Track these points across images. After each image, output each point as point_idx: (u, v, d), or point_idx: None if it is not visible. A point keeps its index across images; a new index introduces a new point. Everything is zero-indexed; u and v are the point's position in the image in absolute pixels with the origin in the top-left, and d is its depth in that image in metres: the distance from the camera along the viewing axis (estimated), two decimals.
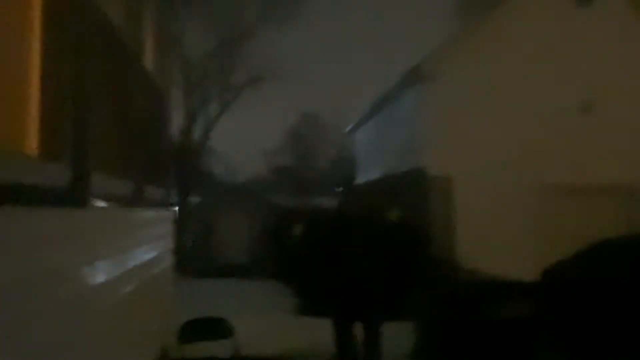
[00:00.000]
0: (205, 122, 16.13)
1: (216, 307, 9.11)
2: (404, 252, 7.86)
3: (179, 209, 15.99)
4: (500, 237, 7.86)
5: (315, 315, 6.81)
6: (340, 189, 16.39)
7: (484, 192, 8.06)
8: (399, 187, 9.03)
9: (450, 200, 8.05)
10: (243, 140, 18.78)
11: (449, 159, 8.13)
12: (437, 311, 5.88)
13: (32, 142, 1.62)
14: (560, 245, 7.97)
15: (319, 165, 19.29)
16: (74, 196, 1.88)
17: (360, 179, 12.96)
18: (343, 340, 5.72)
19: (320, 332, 6.03)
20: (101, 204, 2.32)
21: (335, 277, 7.67)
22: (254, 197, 16.16)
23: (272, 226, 12.73)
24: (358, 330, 5.74)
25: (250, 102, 17.12)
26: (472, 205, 7.99)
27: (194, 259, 14.12)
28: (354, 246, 8.27)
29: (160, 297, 4.35)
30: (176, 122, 15.47)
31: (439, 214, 8.00)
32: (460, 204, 8.14)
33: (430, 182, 8.09)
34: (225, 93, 16.13)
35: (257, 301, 9.39)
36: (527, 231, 8.05)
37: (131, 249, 2.93)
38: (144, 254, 3.36)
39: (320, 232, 9.40)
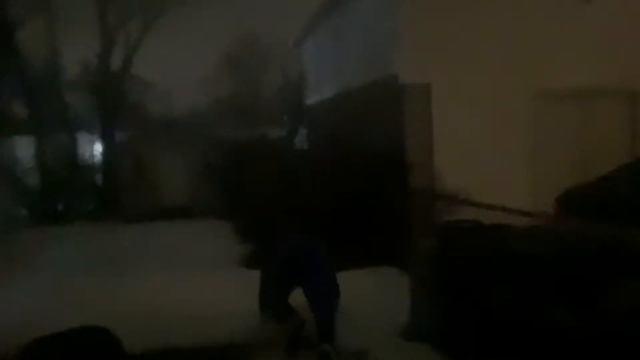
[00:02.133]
0: (126, 45, 13.98)
1: (159, 252, 8.03)
2: (373, 183, 6.50)
3: (104, 146, 14.33)
4: (489, 156, 6.64)
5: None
6: (285, 118, 15.05)
7: (468, 101, 6.72)
8: (363, 104, 7.56)
9: (428, 113, 6.66)
10: (172, 67, 16.86)
11: (426, 64, 6.68)
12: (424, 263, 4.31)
13: None
14: (559, 161, 6.97)
15: (264, 91, 17.49)
16: None
17: (313, 99, 11.36)
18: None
19: None
20: None
21: (289, 217, 6.32)
22: (192, 130, 14.83)
23: (216, 163, 11.60)
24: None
25: (177, 23, 15.08)
26: (455, 119, 6.65)
27: (128, 201, 12.93)
28: (311, 180, 6.87)
29: None
30: (91, 44, 13.53)
31: (415, 131, 6.62)
32: (440, 117, 6.77)
33: (404, 92, 6.64)
34: (147, 10, 13.95)
35: (200, 247, 7.89)
36: (520, 146, 6.87)
37: None
38: None
39: (270, 166, 8.09)
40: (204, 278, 6.20)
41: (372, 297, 4.94)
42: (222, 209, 10.29)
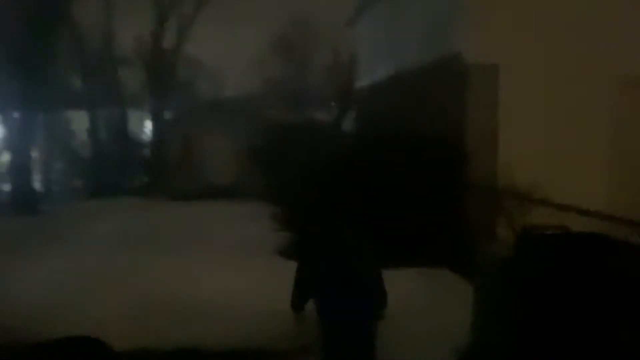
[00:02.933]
0: (179, 25, 13.93)
1: (199, 233, 7.82)
2: (428, 173, 5.85)
3: (154, 124, 14.36)
4: (562, 150, 5.88)
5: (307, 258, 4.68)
6: (334, 101, 14.57)
7: (540, 87, 5.96)
8: (420, 87, 6.90)
9: (495, 98, 5.95)
10: (223, 47, 16.78)
11: (495, 42, 5.95)
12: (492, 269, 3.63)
13: None
14: None
15: (313, 73, 17.02)
16: None
17: (365, 82, 10.72)
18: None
19: None
20: None
21: (339, 208, 5.79)
22: (240, 111, 14.69)
23: (262, 145, 11.19)
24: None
25: (230, 3, 14.90)
26: (525, 106, 5.91)
27: (175, 179, 12.90)
28: (363, 169, 6.30)
29: None
30: (145, 21, 13.50)
31: (479, 117, 5.92)
32: (507, 103, 6.05)
33: (468, 73, 5.94)
34: None
35: (239, 231, 7.54)
36: (598, 139, 6.06)
37: None
38: None
39: (316, 152, 7.59)
40: (239, 265, 5.89)
41: (421, 302, 4.38)
42: (265, 193, 9.92)
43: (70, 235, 7.78)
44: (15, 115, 11.63)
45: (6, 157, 11.98)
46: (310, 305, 3.59)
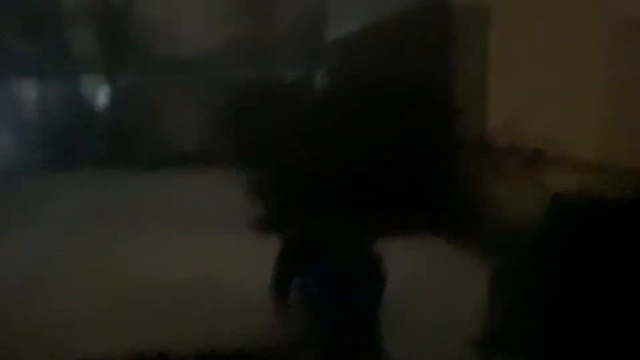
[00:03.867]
0: None
1: (167, 206, 7.26)
2: (419, 133, 5.31)
3: (109, 89, 13.56)
4: (557, 97, 5.45)
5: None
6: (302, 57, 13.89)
7: (533, 29, 5.46)
8: (401, 35, 6.30)
9: (485, 44, 5.42)
10: (180, 5, 15.71)
11: None
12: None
13: None
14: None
15: (278, 26, 16.08)
16: None
17: (338, 34, 10.02)
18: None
19: None
20: None
21: (320, 171, 5.29)
22: (203, 72, 14.01)
23: (228, 107, 10.98)
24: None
25: None
26: (517, 49, 5.41)
27: (137, 147, 12.19)
28: (343, 130, 5.75)
29: None
30: None
31: (469, 66, 5.41)
32: (498, 49, 5.54)
33: (455, 17, 5.38)
34: None
35: (212, 202, 7.00)
36: (594, 84, 5.64)
37: None
38: None
39: (285, 113, 7.06)
40: (214, 241, 5.32)
41: (421, 279, 3.93)
42: (237, 159, 9.37)
43: (21, 215, 7.09)
44: None
45: None
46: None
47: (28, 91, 13.06)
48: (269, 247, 3.52)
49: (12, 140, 13.11)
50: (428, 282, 3.87)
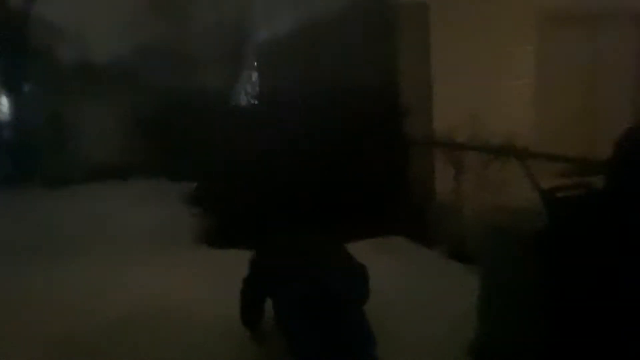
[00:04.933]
0: None
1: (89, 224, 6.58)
2: (365, 134, 5.16)
3: (12, 98, 12.39)
4: (490, 88, 5.53)
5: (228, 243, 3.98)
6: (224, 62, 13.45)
7: (468, 24, 5.51)
8: (338, 34, 6.13)
9: (426, 40, 5.39)
10: (85, 8, 14.65)
11: None
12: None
13: None
14: (566, 93, 6.06)
15: (196, 30, 15.48)
16: None
17: (264, 35, 9.70)
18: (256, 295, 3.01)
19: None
20: None
21: (258, 181, 5.00)
22: (113, 79, 13.12)
23: (146, 116, 10.13)
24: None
25: None
26: (453, 42, 5.43)
27: (47, 162, 11.21)
28: (275, 134, 5.51)
29: None
30: None
31: (411, 64, 5.35)
32: (438, 44, 5.54)
33: (397, 13, 5.30)
34: None
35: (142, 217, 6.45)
36: (524, 73, 5.80)
37: None
38: None
39: (218, 120, 6.75)
40: (152, 261, 4.82)
41: (386, 272, 3.75)
42: (162, 170, 8.80)
43: None
44: None
45: None
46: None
47: None
48: (223, 263, 3.21)
49: None
50: (402, 289, 3.71)
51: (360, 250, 3.92)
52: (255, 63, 11.56)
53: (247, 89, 11.56)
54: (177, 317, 3.58)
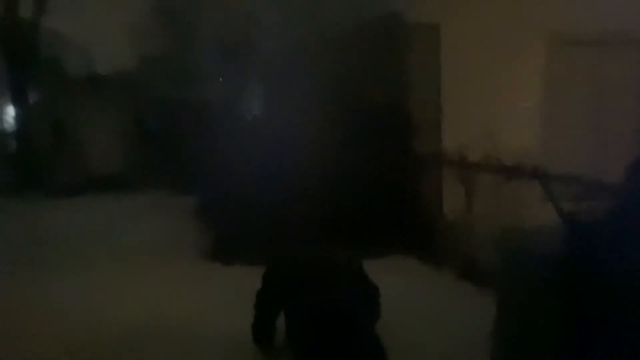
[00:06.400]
0: None
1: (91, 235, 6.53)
2: (375, 151, 5.16)
3: (17, 107, 12.48)
4: (499, 108, 5.56)
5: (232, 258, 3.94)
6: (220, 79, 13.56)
7: (478, 46, 5.54)
8: (350, 52, 6.16)
9: (437, 61, 5.42)
10: (92, 19, 14.83)
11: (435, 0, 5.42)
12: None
13: None
14: (576, 113, 6.09)
15: (204, 43, 15.63)
16: None
17: (271, 47, 9.72)
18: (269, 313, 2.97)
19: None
20: None
21: (263, 196, 5.00)
22: (120, 91, 13.23)
23: (151, 127, 10.37)
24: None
25: None
26: (463, 68, 5.46)
27: (51, 172, 11.25)
28: (282, 149, 5.51)
29: None
30: None
31: (422, 84, 5.37)
32: (447, 66, 5.57)
33: (410, 34, 5.34)
34: None
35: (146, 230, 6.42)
36: (532, 94, 5.83)
37: None
38: None
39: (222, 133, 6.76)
40: (155, 274, 4.77)
41: (395, 292, 3.71)
42: (166, 182, 8.81)
43: None
44: None
45: None
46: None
47: None
48: (227, 277, 3.18)
49: None
50: (411, 309, 3.69)
51: (370, 269, 3.90)
52: (263, 76, 11.64)
53: (255, 102, 11.62)
54: (179, 332, 3.54)
